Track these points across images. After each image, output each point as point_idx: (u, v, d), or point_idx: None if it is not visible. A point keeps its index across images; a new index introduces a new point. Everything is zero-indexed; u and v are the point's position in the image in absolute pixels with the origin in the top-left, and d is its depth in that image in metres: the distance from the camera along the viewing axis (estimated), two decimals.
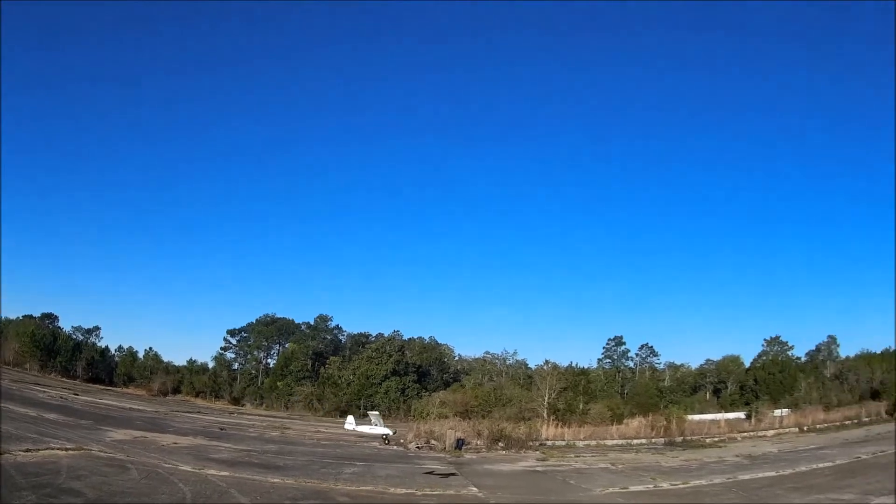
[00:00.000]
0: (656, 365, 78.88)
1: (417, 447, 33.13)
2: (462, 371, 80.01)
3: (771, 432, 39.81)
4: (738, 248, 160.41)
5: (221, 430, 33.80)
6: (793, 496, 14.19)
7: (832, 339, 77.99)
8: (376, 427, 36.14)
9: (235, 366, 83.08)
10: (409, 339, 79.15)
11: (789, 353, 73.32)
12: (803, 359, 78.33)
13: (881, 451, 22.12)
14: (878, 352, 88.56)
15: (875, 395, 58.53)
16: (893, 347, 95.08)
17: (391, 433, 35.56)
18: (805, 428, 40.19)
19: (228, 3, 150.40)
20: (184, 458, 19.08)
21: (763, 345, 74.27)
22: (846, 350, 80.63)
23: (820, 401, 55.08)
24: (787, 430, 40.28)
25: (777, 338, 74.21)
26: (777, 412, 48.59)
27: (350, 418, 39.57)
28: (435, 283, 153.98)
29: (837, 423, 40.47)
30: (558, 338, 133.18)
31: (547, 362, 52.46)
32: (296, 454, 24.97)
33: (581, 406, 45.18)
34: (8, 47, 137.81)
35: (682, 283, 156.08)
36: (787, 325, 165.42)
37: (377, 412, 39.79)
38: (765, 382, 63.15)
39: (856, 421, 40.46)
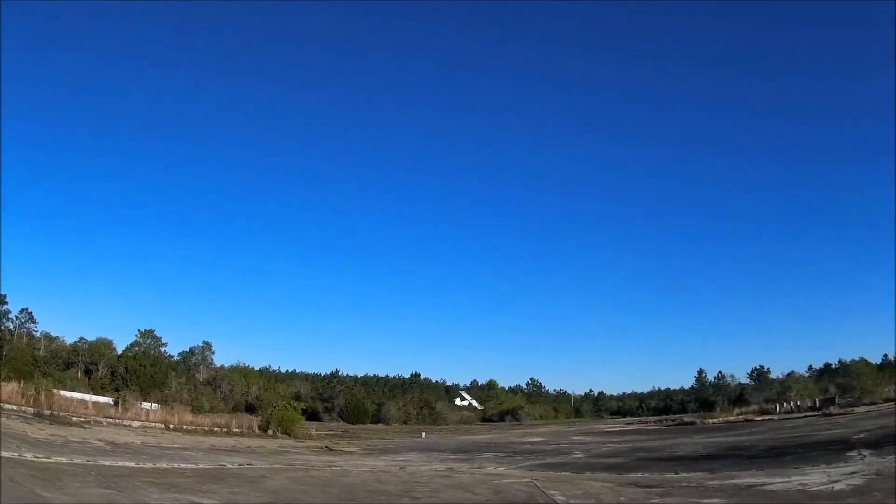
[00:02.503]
0: (34, 332, 72.73)
1: None
2: None
3: (137, 423, 37.73)
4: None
5: None
6: (151, 490, 14.22)
7: (207, 345, 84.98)
8: None
9: None
10: None
11: (162, 349, 76.95)
12: (177, 358, 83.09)
13: (248, 463, 23.17)
14: (257, 368, 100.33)
15: (251, 408, 65.42)
16: (272, 366, 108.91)
17: None
18: (172, 426, 39.79)
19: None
20: None
21: (137, 335, 76.03)
22: (219, 359, 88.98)
23: (191, 403, 58.34)
24: (154, 424, 39.06)
25: (151, 331, 76.97)
26: (146, 405, 47.95)
27: None
28: None
29: (206, 428, 41.57)
30: None
31: None
32: None
33: None
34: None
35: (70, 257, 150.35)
36: (165, 322, 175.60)
37: None
38: (136, 373, 64.00)
39: (226, 430, 42.23)
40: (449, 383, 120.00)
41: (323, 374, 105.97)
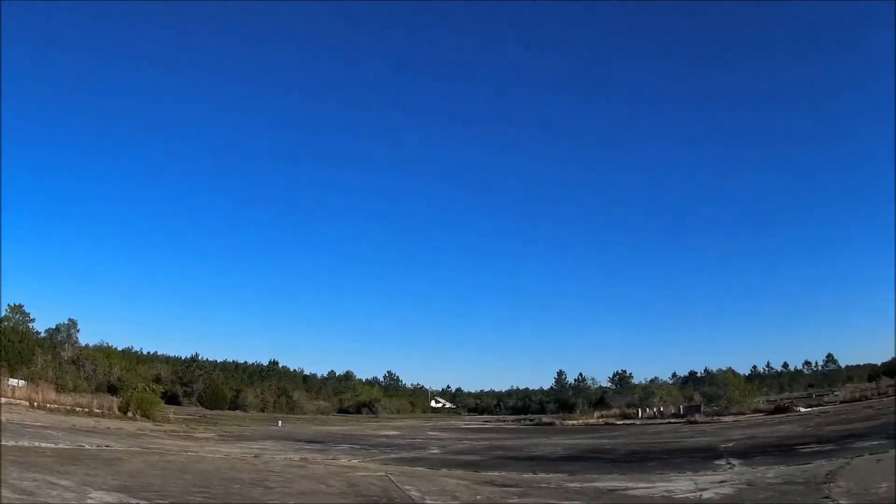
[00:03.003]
0: None
1: None
2: None
3: (3, 400, 36.50)
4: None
5: None
6: (11, 469, 11.48)
7: (72, 323, 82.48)
8: None
9: None
10: None
11: (29, 324, 74.33)
12: (43, 335, 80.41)
13: (107, 445, 22.89)
14: (120, 348, 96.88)
15: (113, 389, 64.48)
16: (134, 347, 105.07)
17: None
18: (36, 404, 39.36)
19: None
20: None
21: (6, 310, 73.38)
22: (84, 338, 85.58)
23: (55, 381, 56.89)
24: (19, 401, 38.79)
25: (20, 306, 74.55)
26: (13, 381, 46.74)
27: None
28: None
29: (68, 408, 41.19)
30: None
31: None
32: None
33: None
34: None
35: None
36: (34, 299, 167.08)
37: None
38: (5, 349, 61.97)
39: (87, 410, 41.65)
40: (307, 373, 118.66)
41: (183, 358, 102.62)
